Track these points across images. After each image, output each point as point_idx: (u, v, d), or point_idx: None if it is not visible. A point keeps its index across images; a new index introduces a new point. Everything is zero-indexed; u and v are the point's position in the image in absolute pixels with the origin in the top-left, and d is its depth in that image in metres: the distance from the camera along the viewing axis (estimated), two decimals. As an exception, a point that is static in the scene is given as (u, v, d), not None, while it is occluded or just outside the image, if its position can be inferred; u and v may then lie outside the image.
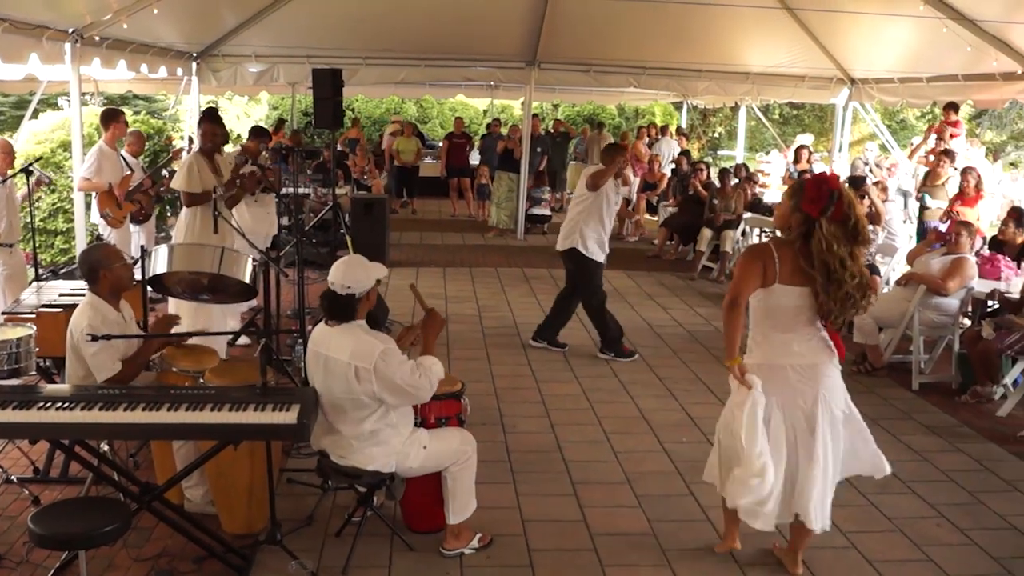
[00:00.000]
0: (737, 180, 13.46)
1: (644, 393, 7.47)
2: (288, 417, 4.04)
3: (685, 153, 17.19)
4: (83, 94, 10.50)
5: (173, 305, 6.78)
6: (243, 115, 27.16)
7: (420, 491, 4.78)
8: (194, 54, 13.69)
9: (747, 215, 12.76)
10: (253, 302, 6.67)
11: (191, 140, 13.30)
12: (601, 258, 8.44)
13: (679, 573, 4.65)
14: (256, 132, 10.31)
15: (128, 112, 11.57)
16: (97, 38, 9.89)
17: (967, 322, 8.68)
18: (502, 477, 5.71)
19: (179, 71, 13.45)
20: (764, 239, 13.34)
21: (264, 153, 10.23)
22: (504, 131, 16.35)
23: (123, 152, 9.59)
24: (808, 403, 4.38)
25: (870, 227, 9.72)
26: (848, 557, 4.89)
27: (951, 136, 12.58)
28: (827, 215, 4.26)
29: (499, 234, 15.69)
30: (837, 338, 4.50)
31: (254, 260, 5.77)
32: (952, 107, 12.72)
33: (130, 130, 10.00)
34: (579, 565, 4.69)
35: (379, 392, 4.24)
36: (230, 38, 13.59)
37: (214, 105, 24.76)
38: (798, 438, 4.39)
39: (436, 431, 4.72)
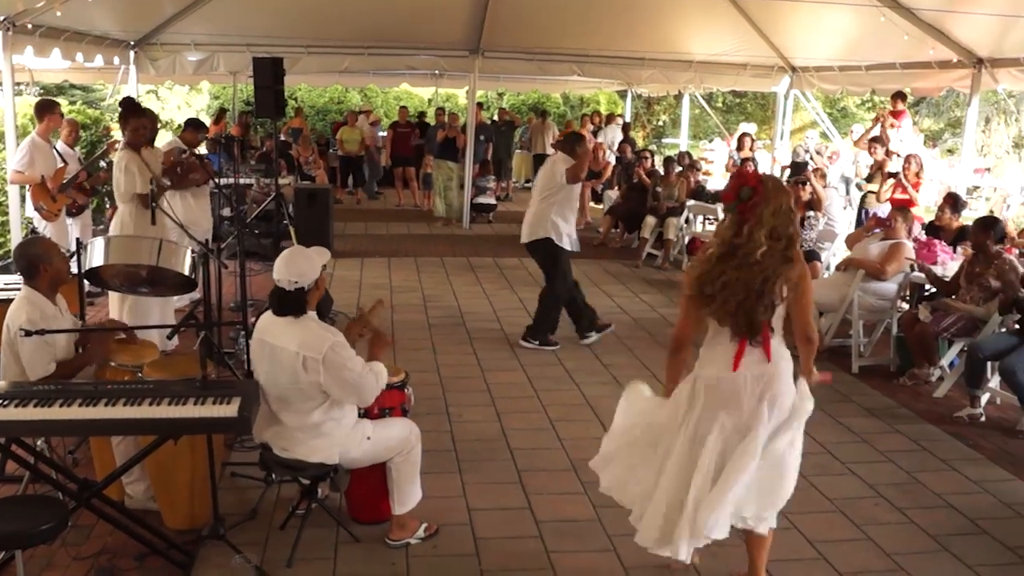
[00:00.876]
0: (680, 168, 13.53)
1: (589, 380, 7.49)
2: (229, 410, 3.99)
3: (629, 141, 17.26)
4: (17, 84, 10.28)
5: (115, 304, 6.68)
6: (184, 105, 26.77)
7: (365, 482, 4.76)
8: (131, 42, 13.41)
9: (690, 202, 12.83)
10: (196, 294, 6.58)
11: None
12: (571, 247, 8.45)
13: (624, 558, 4.67)
14: (193, 124, 10.14)
15: (64, 102, 11.38)
16: (30, 26, 9.64)
17: (905, 306, 8.81)
18: (448, 467, 5.70)
19: (116, 60, 13.14)
20: (709, 226, 13.48)
21: (203, 144, 10.09)
22: (446, 120, 16.25)
23: (58, 143, 9.41)
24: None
25: (810, 212, 9.91)
26: (789, 538, 4.95)
27: (891, 125, 12.73)
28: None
29: (446, 224, 15.65)
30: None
31: (193, 252, 5.70)
32: (900, 96, 12.88)
33: (65, 119, 9.81)
34: (525, 553, 4.69)
35: (326, 384, 4.21)
36: (168, 26, 13.30)
37: (152, 92, 24.48)
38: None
39: (380, 422, 4.69)
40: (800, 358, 4.21)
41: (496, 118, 20.58)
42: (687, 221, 12.91)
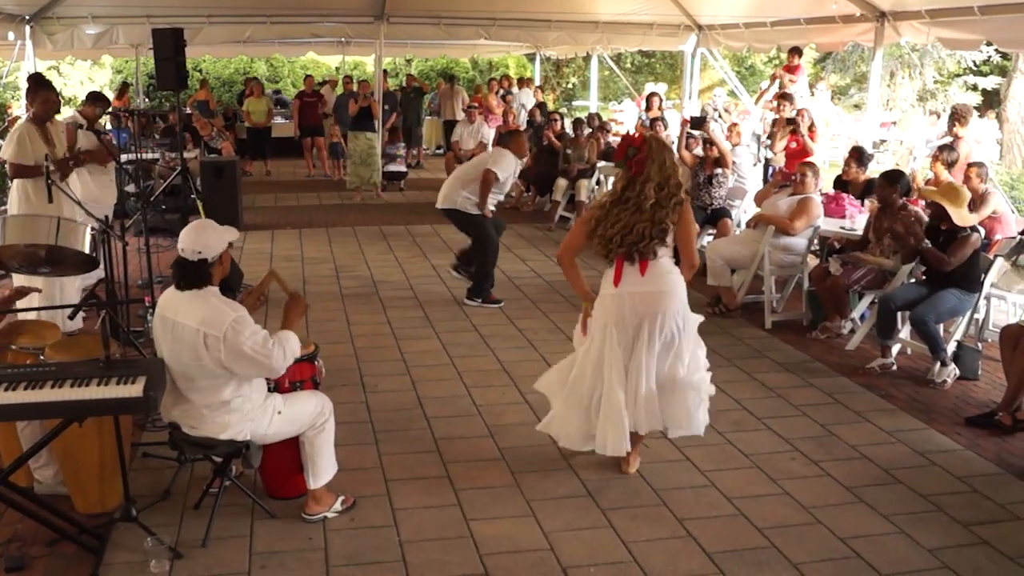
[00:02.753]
0: (590, 130, 13.55)
1: (504, 346, 7.49)
2: (134, 390, 3.89)
3: (540, 105, 17.24)
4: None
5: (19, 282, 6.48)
6: (87, 80, 26.07)
7: (278, 457, 4.69)
8: (26, 16, 12.94)
9: (600, 164, 12.85)
10: (101, 273, 6.42)
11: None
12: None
13: (543, 522, 4.68)
14: (94, 98, 9.88)
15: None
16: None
17: (815, 260, 8.95)
18: (364, 438, 5.65)
19: (10, 35, 12.69)
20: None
21: (102, 120, 9.82)
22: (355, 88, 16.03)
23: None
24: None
25: (719, 170, 10.02)
26: (708, 495, 5.02)
27: (790, 81, 12.91)
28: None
29: (362, 197, 15.23)
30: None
31: (93, 229, 5.54)
32: (796, 51, 13.06)
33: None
34: (443, 521, 4.68)
35: (227, 362, 4.11)
36: (64, -1, 12.92)
37: (54, 68, 23.78)
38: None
39: (290, 395, 4.62)
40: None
41: (404, 84, 20.39)
42: (598, 183, 12.94)
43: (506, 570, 4.25)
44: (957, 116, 9.54)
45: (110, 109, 12.05)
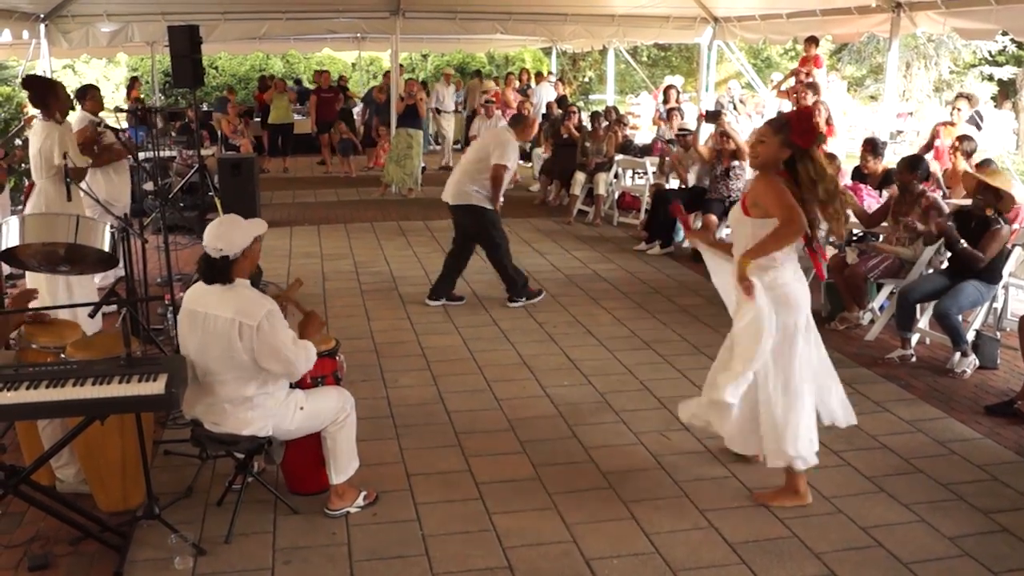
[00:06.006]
0: (607, 123, 13.52)
1: (524, 339, 7.49)
2: (156, 387, 3.91)
3: (560, 99, 17.21)
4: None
5: (31, 280, 6.51)
6: (103, 78, 26.16)
7: (300, 453, 4.71)
8: (41, 15, 12.99)
9: (619, 157, 12.83)
10: (121, 271, 6.44)
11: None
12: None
13: (565, 514, 4.68)
14: (88, 91, 9.44)
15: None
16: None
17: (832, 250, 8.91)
18: (385, 433, 5.66)
19: (25, 34, 12.74)
20: (638, 181, 13.49)
21: (119, 115, 9.77)
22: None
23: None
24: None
25: (735, 162, 9.98)
26: (729, 486, 5.02)
27: (807, 74, 12.85)
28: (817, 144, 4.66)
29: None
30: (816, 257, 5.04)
31: (112, 227, 5.56)
32: (812, 41, 12.99)
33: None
34: (466, 515, 4.69)
35: (258, 353, 4.14)
36: (79, -3, 12.97)
37: (69, 67, 23.86)
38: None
39: (312, 391, 4.63)
40: None
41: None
42: (616, 176, 12.92)
43: (529, 563, 4.26)
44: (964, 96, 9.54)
45: (126, 106, 12.06)
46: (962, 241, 6.68)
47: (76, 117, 8.42)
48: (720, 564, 4.26)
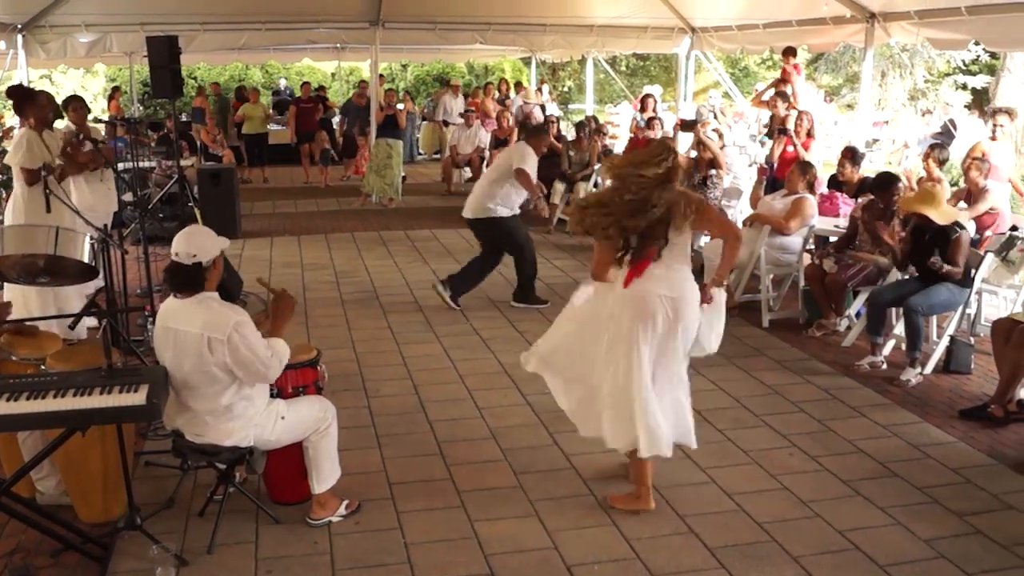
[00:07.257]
0: (589, 131, 13.56)
1: (505, 348, 7.50)
2: (136, 398, 3.92)
3: (542, 107, 17.27)
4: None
5: (7, 292, 6.49)
6: (80, 88, 26.05)
7: (282, 463, 4.71)
8: (18, 25, 12.96)
9: (599, 166, 12.86)
10: (101, 282, 6.43)
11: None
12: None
13: (546, 521, 4.71)
14: (73, 102, 9.19)
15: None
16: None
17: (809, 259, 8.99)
18: (367, 442, 5.67)
19: (2, 44, 12.71)
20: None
21: (99, 126, 9.78)
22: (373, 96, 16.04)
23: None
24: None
25: (712, 171, 10.05)
26: (708, 491, 5.05)
27: (783, 82, 12.92)
28: None
29: (364, 203, 15.07)
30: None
31: (92, 238, 5.55)
32: (790, 52, 13.07)
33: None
34: (448, 522, 4.70)
35: (232, 364, 4.15)
36: (57, 7, 12.87)
37: (46, 77, 23.75)
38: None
39: (294, 400, 4.64)
40: None
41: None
42: (595, 185, 12.96)
43: (511, 569, 4.28)
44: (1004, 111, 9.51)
45: (106, 117, 12.05)
46: (945, 266, 6.71)
47: (61, 127, 8.42)
48: (700, 569, 4.30)
